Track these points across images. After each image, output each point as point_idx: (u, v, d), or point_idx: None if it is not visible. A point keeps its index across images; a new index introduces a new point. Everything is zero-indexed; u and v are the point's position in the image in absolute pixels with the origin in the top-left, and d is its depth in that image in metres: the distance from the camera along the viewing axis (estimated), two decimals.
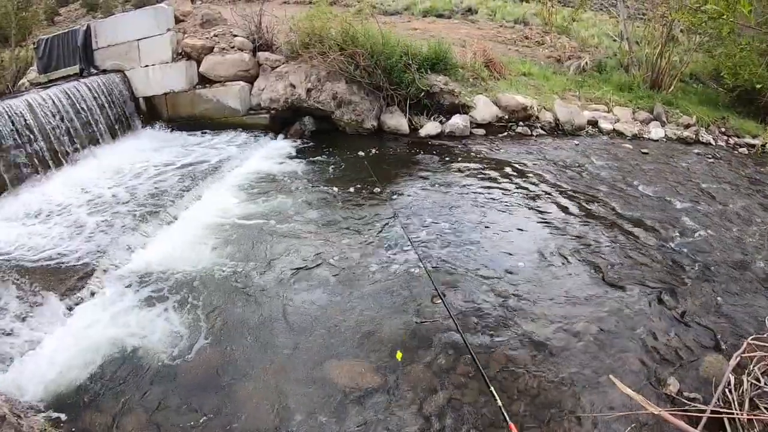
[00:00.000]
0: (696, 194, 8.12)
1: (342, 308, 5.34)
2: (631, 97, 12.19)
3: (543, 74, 12.90)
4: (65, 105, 9.32)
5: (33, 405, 4.28)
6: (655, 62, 12.65)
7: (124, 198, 7.88)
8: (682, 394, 4.11)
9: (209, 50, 11.05)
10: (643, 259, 6.14)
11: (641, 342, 4.77)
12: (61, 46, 11.43)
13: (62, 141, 9.10)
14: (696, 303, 5.36)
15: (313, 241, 6.66)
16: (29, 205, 7.80)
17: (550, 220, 7.08)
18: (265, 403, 4.24)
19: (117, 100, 10.71)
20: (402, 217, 7.11)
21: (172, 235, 7.01)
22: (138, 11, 12.11)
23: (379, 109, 10.75)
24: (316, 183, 8.46)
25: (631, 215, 7.28)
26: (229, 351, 4.84)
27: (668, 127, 11.30)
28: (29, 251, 6.48)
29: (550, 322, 5.02)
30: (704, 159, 9.89)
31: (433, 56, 10.86)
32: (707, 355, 4.61)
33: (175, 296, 5.60)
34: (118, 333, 5.07)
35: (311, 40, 10.49)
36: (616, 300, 5.38)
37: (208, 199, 8.00)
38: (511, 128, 10.80)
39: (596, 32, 16.69)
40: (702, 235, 6.81)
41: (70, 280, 5.79)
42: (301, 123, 10.74)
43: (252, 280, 5.88)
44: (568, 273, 5.86)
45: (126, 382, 4.50)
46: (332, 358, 4.64)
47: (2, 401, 3.96)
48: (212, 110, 11.01)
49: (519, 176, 8.48)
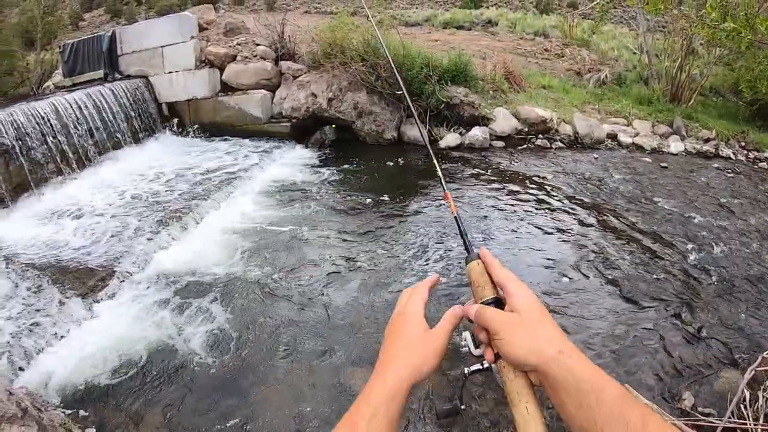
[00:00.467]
0: (715, 209, 8.10)
1: (364, 315, 5.39)
2: (650, 111, 12.17)
3: (563, 87, 12.92)
4: (90, 108, 9.50)
5: (54, 400, 4.37)
6: (675, 75, 12.63)
7: (146, 201, 8.01)
8: (697, 408, 4.11)
9: (232, 58, 11.20)
10: (660, 274, 6.14)
11: (657, 356, 4.77)
12: (86, 50, 11.65)
13: (86, 143, 9.28)
14: (712, 318, 5.34)
15: (335, 248, 6.72)
16: (53, 206, 7.98)
17: (569, 234, 7.10)
18: (283, 408, 4.28)
19: (140, 105, 10.90)
20: (423, 227, 7.17)
21: (194, 238, 7.11)
22: (163, 19, 12.31)
23: (399, 120, 10.82)
24: (337, 191, 8.54)
25: (650, 229, 7.28)
26: (249, 354, 4.90)
27: (688, 140, 11.27)
28: (52, 250, 6.62)
29: (567, 335, 5.03)
30: (724, 173, 9.86)
31: (454, 68, 10.91)
32: (723, 370, 4.58)
33: (195, 299, 5.68)
34: (139, 333, 5.16)
35: (333, 51, 10.60)
36: (633, 314, 5.38)
37: (229, 205, 8.10)
38: (530, 141, 10.83)
39: (616, 45, 16.69)
40: (720, 250, 6.79)
41: (91, 279, 5.89)
42: (322, 132, 10.84)
43: (273, 284, 5.95)
44: (586, 287, 5.87)
45: (145, 382, 4.58)
46: (352, 364, 4.69)
47: (24, 395, 4.05)
48: (234, 117, 11.15)
49: (538, 189, 8.50)
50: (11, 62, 11.81)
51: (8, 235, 7.08)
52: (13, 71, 12.02)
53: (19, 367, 4.70)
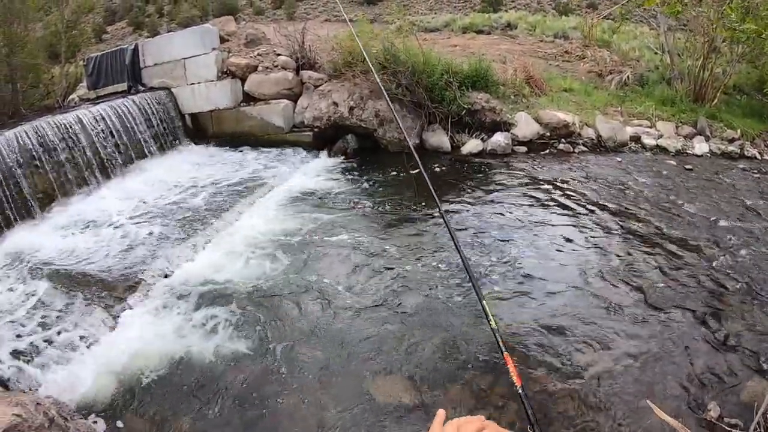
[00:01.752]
0: (741, 212, 7.98)
1: (387, 323, 5.42)
2: (673, 111, 12.00)
3: (584, 89, 12.81)
4: (114, 120, 9.69)
5: (80, 409, 4.47)
6: (698, 74, 12.43)
7: (171, 210, 8.14)
8: (723, 419, 4.06)
9: (253, 69, 11.30)
10: (686, 280, 6.07)
11: (683, 365, 4.72)
12: (109, 63, 11.86)
13: (111, 155, 9.46)
14: (739, 325, 5.27)
15: (360, 256, 6.77)
16: (79, 215, 8.17)
17: (593, 239, 7.05)
18: (304, 417, 4.33)
19: (164, 117, 11.06)
20: (442, 233, 7.19)
21: (219, 247, 7.20)
22: (184, 31, 12.47)
23: (421, 127, 10.83)
24: (361, 199, 8.58)
25: (675, 234, 7.20)
26: (271, 363, 4.96)
27: (712, 141, 11.11)
28: (79, 260, 6.78)
29: (591, 343, 5.02)
30: (750, 174, 9.72)
31: (474, 73, 10.88)
32: (750, 380, 4.52)
33: (220, 307, 5.76)
34: (163, 342, 5.27)
35: (353, 59, 10.64)
36: (659, 322, 5.33)
37: (252, 215, 8.18)
38: (552, 145, 10.76)
39: (637, 45, 16.47)
40: (747, 254, 6.69)
41: (117, 289, 6.03)
42: (344, 141, 10.87)
43: (298, 293, 6.01)
44: (610, 294, 5.82)
45: (169, 390, 4.66)
46: (376, 374, 4.71)
47: (51, 403, 4.14)
48: (256, 127, 11.25)
49: (561, 194, 8.45)
50: (37, 75, 12.00)
51: (36, 245, 7.24)
52: (39, 84, 12.21)
53: (47, 377, 4.81)
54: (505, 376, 4.53)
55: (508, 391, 4.42)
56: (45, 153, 8.34)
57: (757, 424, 3.73)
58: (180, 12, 23.27)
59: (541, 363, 4.78)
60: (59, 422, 3.96)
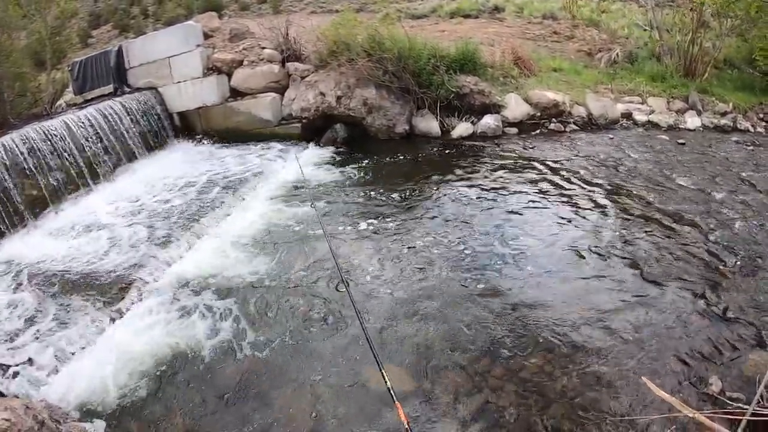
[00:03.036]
0: (736, 184, 7.92)
1: (380, 312, 5.36)
2: (664, 87, 11.96)
3: (574, 69, 12.73)
4: (101, 123, 9.61)
5: (74, 411, 4.43)
6: (687, 49, 12.37)
7: (162, 210, 8.06)
8: (725, 393, 3.99)
9: (239, 63, 11.20)
10: (682, 254, 6.01)
11: (682, 340, 4.67)
12: (94, 67, 11.75)
13: (100, 158, 9.40)
14: (738, 298, 5.21)
15: (351, 246, 6.71)
16: (71, 220, 8.13)
17: (587, 217, 6.99)
18: (301, 408, 4.29)
19: (151, 117, 10.97)
20: (437, 218, 7.16)
21: (210, 245, 7.15)
22: (167, 30, 12.36)
23: (409, 113, 10.74)
24: (351, 189, 8.52)
25: (670, 208, 7.14)
26: (266, 357, 4.92)
27: (704, 115, 11.07)
28: (71, 264, 6.74)
29: (588, 321, 4.96)
30: (743, 147, 9.67)
31: (461, 57, 10.80)
32: (751, 353, 4.45)
33: (213, 305, 5.72)
34: (157, 342, 5.22)
35: (338, 48, 10.54)
36: (656, 297, 5.27)
37: (245, 209, 8.14)
38: (543, 125, 10.69)
39: (626, 23, 16.40)
40: (743, 226, 6.63)
41: (111, 291, 6.00)
42: (333, 131, 10.78)
43: (289, 286, 5.96)
44: (606, 271, 5.77)
45: (165, 389, 4.63)
46: (369, 363, 4.64)
47: (42, 407, 4.10)
48: (245, 122, 11.15)
49: (553, 173, 8.38)
50: (23, 84, 11.88)
51: (29, 252, 7.20)
52: (26, 92, 12.08)
53: (41, 380, 4.79)
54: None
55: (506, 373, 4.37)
56: (34, 160, 8.26)
57: (760, 397, 3.65)
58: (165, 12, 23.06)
59: (538, 341, 4.72)
60: (50, 425, 3.92)
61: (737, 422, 3.33)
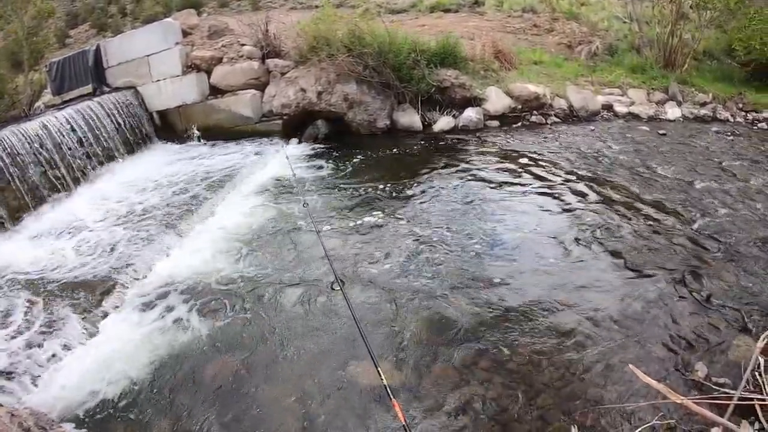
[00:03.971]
0: (716, 173, 7.99)
1: (366, 307, 5.31)
2: (644, 79, 12.06)
3: (554, 61, 12.80)
4: (80, 124, 9.46)
5: (60, 417, 4.33)
6: (667, 41, 12.49)
7: (144, 211, 7.95)
8: (711, 379, 4.02)
9: (218, 61, 11.11)
10: (665, 243, 6.05)
11: (667, 327, 4.69)
12: (72, 67, 11.59)
13: (80, 159, 9.25)
14: (722, 284, 5.25)
15: (335, 241, 6.66)
16: (52, 224, 7.94)
17: (569, 208, 7.01)
18: (289, 406, 4.24)
19: (131, 116, 10.82)
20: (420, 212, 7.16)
21: (193, 244, 7.06)
22: (145, 28, 12.21)
23: (391, 108, 10.73)
24: (333, 185, 8.48)
25: (651, 198, 7.18)
26: (253, 356, 4.85)
27: (684, 106, 11.17)
28: (54, 269, 6.58)
29: (574, 311, 4.96)
30: (723, 136, 9.76)
31: (442, 51, 10.81)
32: (736, 338, 4.49)
33: (198, 305, 5.63)
34: (142, 345, 5.13)
35: (318, 44, 10.49)
36: (640, 286, 5.29)
37: (227, 208, 8.05)
38: (525, 118, 10.73)
39: (605, 15, 16.50)
40: (724, 214, 6.69)
41: (94, 295, 5.86)
42: (314, 127, 10.74)
43: (272, 284, 5.89)
44: (590, 261, 5.79)
45: (151, 393, 4.54)
46: (354, 358, 4.61)
47: (28, 414, 4.02)
48: (225, 120, 11.07)
49: (535, 165, 8.41)
50: (1, 86, 11.72)
51: (10, 257, 7.02)
52: (4, 94, 11.92)
53: (27, 387, 4.67)
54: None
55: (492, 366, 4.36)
56: (12, 163, 8.09)
57: (746, 382, 3.68)
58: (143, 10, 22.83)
59: (524, 333, 4.72)
60: None
61: (725, 407, 3.35)
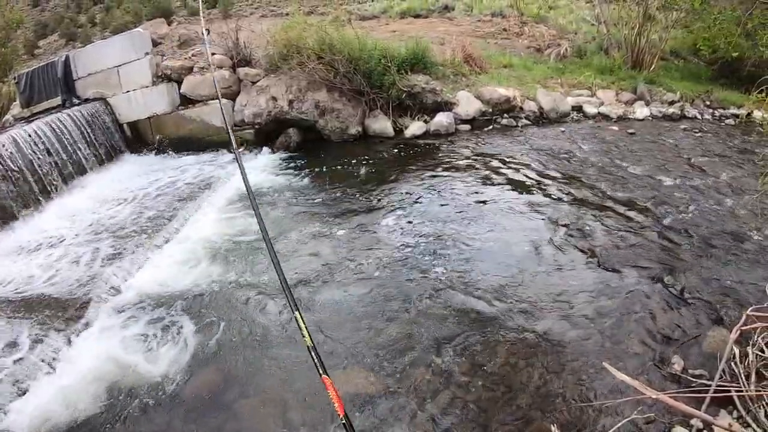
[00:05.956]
0: (686, 169, 8.12)
1: (339, 317, 5.30)
2: (613, 79, 12.21)
3: (524, 64, 12.90)
4: (50, 137, 9.29)
5: None
6: (634, 42, 12.68)
7: (115, 225, 7.82)
8: (687, 371, 4.09)
9: (189, 70, 11.01)
10: (637, 240, 6.12)
11: (642, 323, 4.74)
12: (41, 78, 11.42)
13: (50, 174, 9.07)
14: (694, 278, 5.33)
15: (305, 253, 6.60)
16: (23, 241, 7.77)
17: (542, 210, 7.05)
18: (269, 417, 4.21)
19: (101, 128, 10.70)
20: (394, 218, 7.13)
21: (165, 258, 6.95)
22: (115, 38, 12.07)
23: (362, 115, 10.72)
24: (304, 193, 8.43)
25: (622, 197, 7.26)
26: (230, 368, 4.80)
27: (653, 105, 11.32)
28: (25, 286, 6.43)
29: (549, 312, 5.00)
30: (691, 134, 9.92)
31: (412, 56, 10.83)
32: (710, 330, 4.58)
33: (172, 319, 5.56)
34: (118, 361, 5.02)
35: (289, 52, 10.46)
36: (614, 283, 5.35)
37: (198, 220, 7.95)
38: (495, 121, 10.78)
39: (574, 18, 16.71)
40: (695, 209, 6.79)
41: (66, 312, 5.73)
42: (286, 135, 10.68)
43: (246, 296, 5.83)
44: (563, 261, 5.84)
45: (129, 411, 4.45)
46: (333, 367, 4.60)
47: None
48: (197, 130, 10.96)
49: (506, 168, 8.45)
50: None
51: None
52: None
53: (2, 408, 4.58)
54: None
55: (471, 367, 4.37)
56: None
57: (722, 372, 3.74)
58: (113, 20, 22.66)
59: (500, 335, 4.74)
60: None
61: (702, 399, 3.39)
